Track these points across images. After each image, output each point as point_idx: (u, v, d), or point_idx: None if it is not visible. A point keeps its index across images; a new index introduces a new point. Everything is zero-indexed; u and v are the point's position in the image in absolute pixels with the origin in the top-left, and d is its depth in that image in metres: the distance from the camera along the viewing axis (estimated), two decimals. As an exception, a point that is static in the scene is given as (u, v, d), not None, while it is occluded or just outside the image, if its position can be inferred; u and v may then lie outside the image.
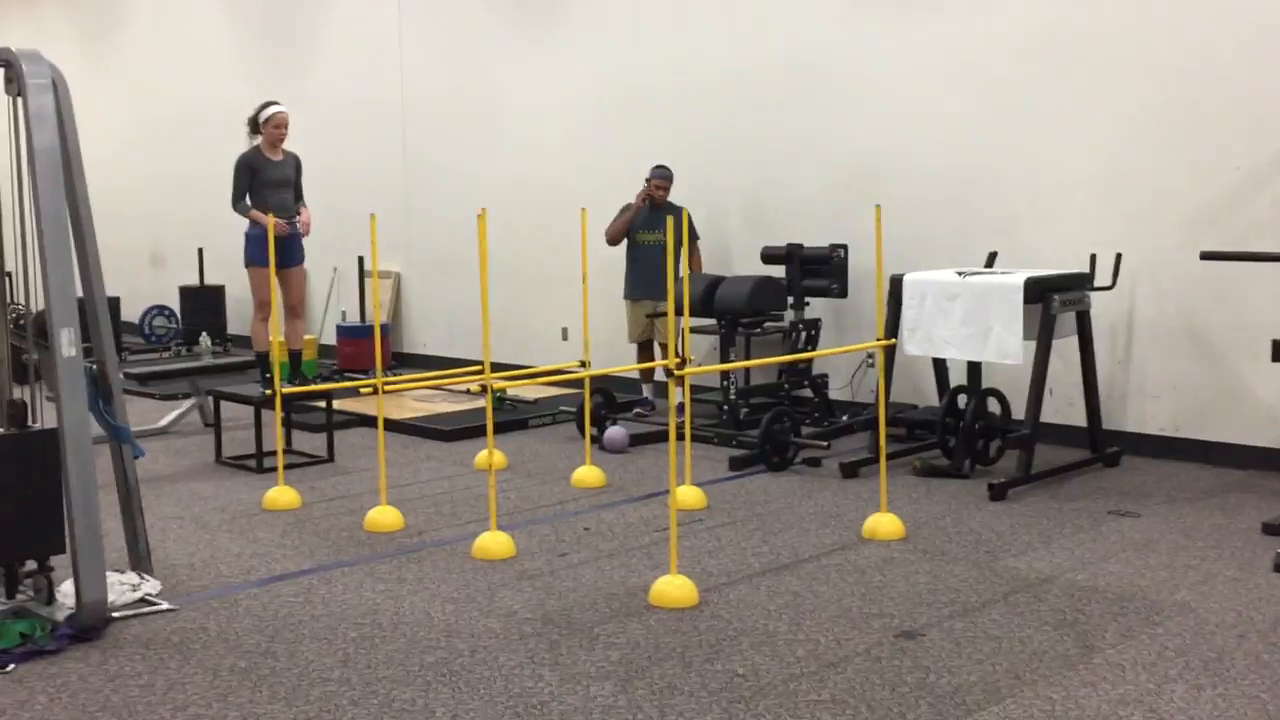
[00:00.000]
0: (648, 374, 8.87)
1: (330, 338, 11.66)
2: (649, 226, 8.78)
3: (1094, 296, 7.13)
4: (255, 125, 8.44)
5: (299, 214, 8.62)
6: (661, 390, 9.02)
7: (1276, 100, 6.74)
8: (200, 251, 13.12)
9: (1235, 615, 4.68)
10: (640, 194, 8.79)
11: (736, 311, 8.12)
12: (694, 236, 8.85)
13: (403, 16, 11.40)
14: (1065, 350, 7.20)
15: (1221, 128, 6.96)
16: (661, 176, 8.78)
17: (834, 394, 8.54)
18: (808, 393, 8.46)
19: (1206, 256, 6.50)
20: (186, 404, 8.84)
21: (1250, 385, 6.98)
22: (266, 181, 8.52)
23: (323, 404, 7.88)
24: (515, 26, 10.53)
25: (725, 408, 8.16)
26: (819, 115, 8.66)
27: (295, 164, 8.72)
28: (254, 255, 8.02)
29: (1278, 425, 6.90)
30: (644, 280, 8.79)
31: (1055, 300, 6.76)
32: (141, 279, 14.26)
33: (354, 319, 11.53)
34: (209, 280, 13.06)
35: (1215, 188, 7.02)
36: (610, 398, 8.30)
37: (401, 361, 11.61)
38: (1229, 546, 5.57)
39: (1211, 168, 7.01)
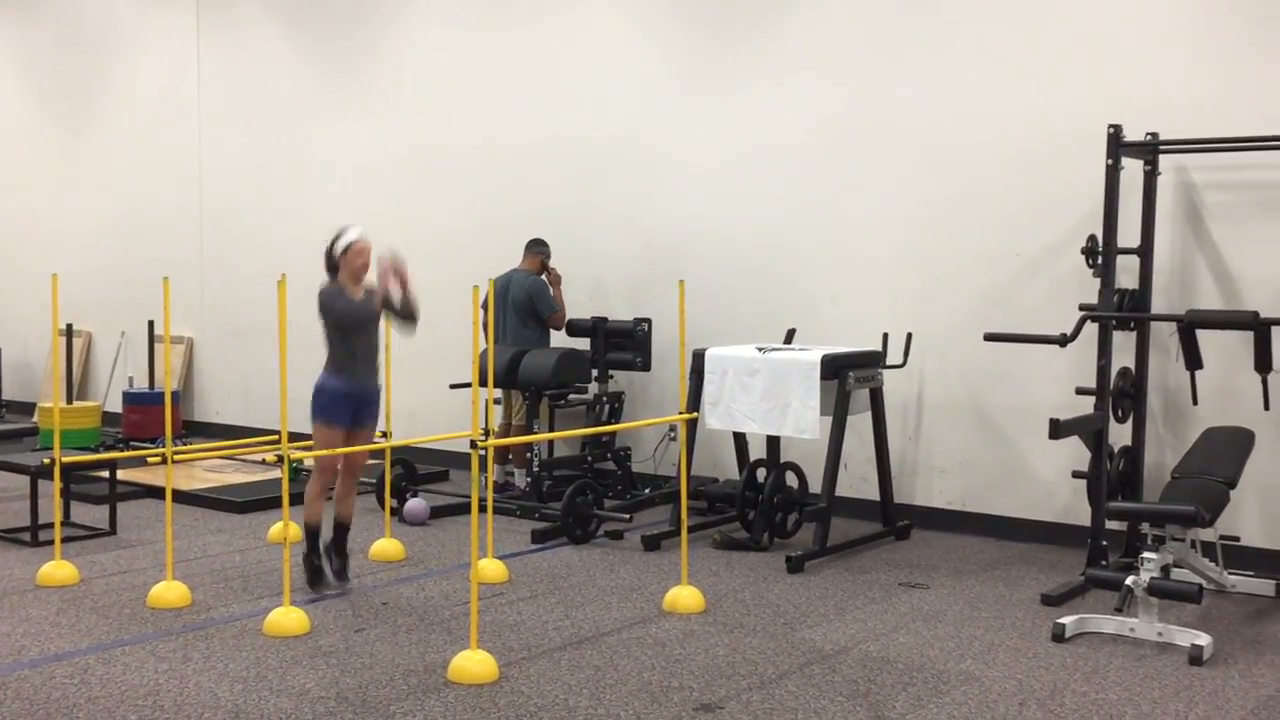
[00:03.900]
0: (520, 457, 8.50)
1: (116, 405, 11.17)
2: None
3: (886, 374, 7.40)
4: (332, 261, 6.22)
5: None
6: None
7: (1055, 193, 7.15)
8: (-24, 312, 12.45)
9: (1016, 684, 4.86)
10: (554, 274, 8.60)
11: (540, 383, 8.11)
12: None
13: (202, 74, 11.14)
14: (859, 426, 7.42)
15: (1005, 216, 7.34)
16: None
17: (637, 467, 8.59)
18: (611, 465, 8.49)
19: (990, 338, 6.82)
20: (-45, 472, 8.32)
21: (1031, 462, 7.31)
22: (343, 319, 6.22)
23: (106, 474, 7.52)
24: (321, 89, 10.41)
25: (528, 480, 8.12)
26: (626, 190, 8.80)
27: (384, 299, 6.33)
28: (322, 410, 6.11)
29: (1056, 500, 7.23)
30: None
31: (850, 377, 6.97)
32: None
33: (142, 385, 11.08)
34: (-15, 342, 12.39)
35: (998, 272, 7.38)
36: (411, 469, 8.16)
37: (193, 430, 11.20)
38: (1011, 617, 5.79)
39: (995, 253, 7.38)
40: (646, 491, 8.25)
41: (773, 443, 7.36)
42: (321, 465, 6.15)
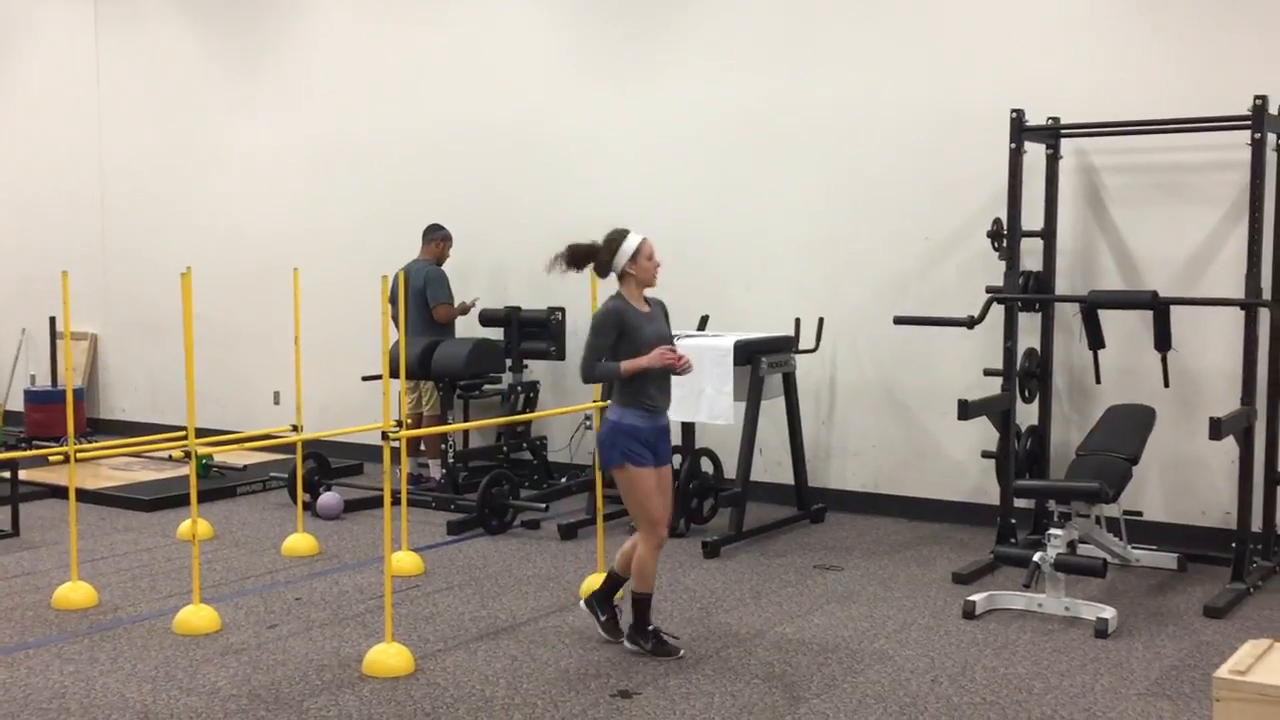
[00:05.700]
0: (433, 448, 8.37)
1: (18, 404, 10.90)
2: None
3: (799, 359, 7.45)
4: (606, 266, 5.31)
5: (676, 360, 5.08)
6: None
7: (960, 178, 7.25)
8: None
9: (928, 661, 4.93)
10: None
11: (454, 374, 8.05)
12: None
13: (101, 65, 10.88)
14: (773, 411, 7.47)
15: (912, 201, 7.43)
16: None
17: (552, 456, 8.57)
18: (526, 455, 8.46)
19: (899, 321, 6.90)
20: None
21: (941, 443, 7.42)
22: (642, 343, 5.04)
23: (7, 474, 7.33)
24: (225, 79, 10.22)
25: (443, 471, 8.07)
26: (537, 180, 8.76)
27: (664, 312, 5.40)
28: (626, 453, 4.99)
29: (966, 480, 7.35)
30: None
31: (763, 362, 7.02)
32: None
33: (44, 383, 10.82)
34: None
35: (907, 256, 7.47)
36: (324, 463, 8.07)
37: (98, 428, 10.96)
38: (923, 596, 5.87)
39: (904, 237, 7.46)
40: (563, 480, 8.24)
41: (687, 429, 7.38)
42: (653, 519, 4.98)
